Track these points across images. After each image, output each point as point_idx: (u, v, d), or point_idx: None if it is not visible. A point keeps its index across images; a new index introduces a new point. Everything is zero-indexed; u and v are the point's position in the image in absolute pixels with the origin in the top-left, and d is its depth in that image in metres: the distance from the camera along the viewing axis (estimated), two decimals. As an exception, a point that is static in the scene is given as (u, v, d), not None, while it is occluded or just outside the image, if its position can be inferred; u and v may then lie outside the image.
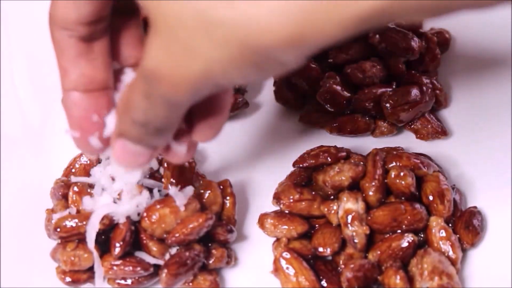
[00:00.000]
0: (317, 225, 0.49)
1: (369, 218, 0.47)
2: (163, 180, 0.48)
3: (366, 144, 0.55)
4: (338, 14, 0.29)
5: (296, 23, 0.30)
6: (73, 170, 0.52)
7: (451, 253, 0.47)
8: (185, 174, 0.49)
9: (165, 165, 0.49)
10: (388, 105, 0.54)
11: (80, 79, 0.40)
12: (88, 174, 0.51)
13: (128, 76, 0.42)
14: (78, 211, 0.48)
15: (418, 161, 0.50)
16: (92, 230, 0.46)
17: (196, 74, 0.33)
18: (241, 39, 0.31)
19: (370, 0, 0.29)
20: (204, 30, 0.31)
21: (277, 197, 0.50)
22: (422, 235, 0.48)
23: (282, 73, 0.34)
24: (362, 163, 0.49)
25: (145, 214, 0.46)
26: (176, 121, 0.38)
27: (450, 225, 0.49)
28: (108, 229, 0.47)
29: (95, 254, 0.46)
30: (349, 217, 0.47)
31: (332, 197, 0.49)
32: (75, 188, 0.48)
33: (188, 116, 0.40)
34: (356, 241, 0.46)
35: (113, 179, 0.47)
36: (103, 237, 0.47)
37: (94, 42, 0.40)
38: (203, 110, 0.40)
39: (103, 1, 0.38)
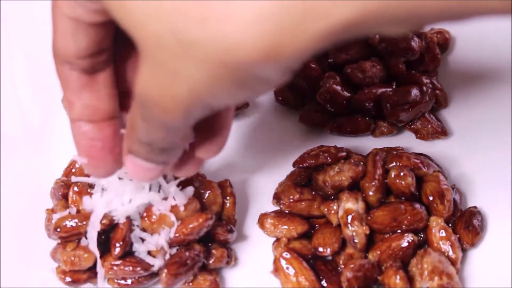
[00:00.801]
0: (317, 225, 0.49)
1: (369, 218, 0.47)
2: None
3: (366, 144, 0.55)
4: (311, 27, 0.29)
5: (268, 38, 0.29)
6: (73, 170, 0.52)
7: (451, 253, 0.47)
8: (185, 174, 0.49)
9: (165, 165, 0.49)
10: (388, 105, 0.54)
11: (85, 110, 0.40)
12: (88, 174, 0.51)
13: None
14: (78, 211, 0.48)
15: (418, 161, 0.50)
16: (92, 230, 0.46)
17: (183, 96, 0.33)
18: (218, 57, 0.30)
19: (342, 12, 0.29)
20: (182, 50, 0.31)
21: (277, 197, 0.50)
22: (422, 235, 0.48)
23: (271, 89, 0.34)
24: (362, 163, 0.49)
25: (145, 214, 0.46)
26: (178, 141, 0.38)
27: (450, 225, 0.49)
28: (108, 229, 0.47)
29: (97, 254, 0.46)
30: (349, 217, 0.47)
31: (332, 197, 0.49)
32: (75, 188, 0.48)
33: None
34: (356, 241, 0.46)
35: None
36: (103, 237, 0.47)
37: (97, 74, 0.40)
38: (204, 128, 0.40)
39: (102, 33, 0.38)
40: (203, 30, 0.30)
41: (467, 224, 0.49)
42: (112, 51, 0.40)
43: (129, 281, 0.47)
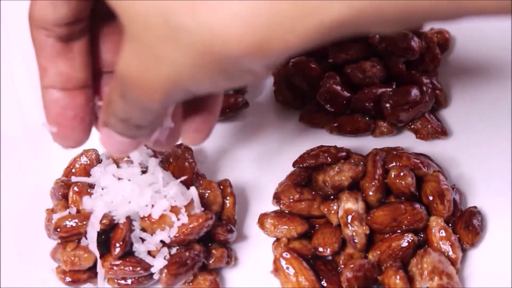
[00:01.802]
0: (317, 225, 0.49)
1: (369, 218, 0.47)
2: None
3: (366, 144, 0.55)
4: (301, 24, 0.29)
5: (259, 33, 0.29)
6: (73, 170, 0.52)
7: (451, 253, 0.47)
8: (185, 174, 0.49)
9: (166, 165, 0.49)
10: (388, 105, 0.54)
11: (58, 77, 0.40)
12: (88, 174, 0.51)
13: None
14: (78, 211, 0.48)
15: (418, 161, 0.50)
16: (92, 230, 0.46)
17: (164, 79, 0.33)
18: (205, 46, 0.30)
19: (333, 11, 0.29)
20: (169, 35, 0.31)
21: (277, 197, 0.50)
22: (422, 235, 0.48)
23: (255, 81, 0.34)
24: (362, 163, 0.49)
25: (145, 214, 0.46)
26: (155, 120, 0.38)
27: (450, 225, 0.49)
28: (108, 229, 0.47)
29: (97, 254, 0.46)
30: (349, 217, 0.47)
31: (332, 197, 0.49)
32: (75, 188, 0.48)
33: (177, 116, 0.40)
34: (356, 241, 0.46)
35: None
36: (103, 237, 0.47)
37: (73, 42, 0.40)
38: (190, 113, 0.40)
39: (81, 2, 0.38)
40: (193, 17, 0.30)
41: (467, 224, 0.49)
42: (89, 21, 0.40)
43: (129, 281, 0.47)
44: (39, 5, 0.38)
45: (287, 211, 0.49)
